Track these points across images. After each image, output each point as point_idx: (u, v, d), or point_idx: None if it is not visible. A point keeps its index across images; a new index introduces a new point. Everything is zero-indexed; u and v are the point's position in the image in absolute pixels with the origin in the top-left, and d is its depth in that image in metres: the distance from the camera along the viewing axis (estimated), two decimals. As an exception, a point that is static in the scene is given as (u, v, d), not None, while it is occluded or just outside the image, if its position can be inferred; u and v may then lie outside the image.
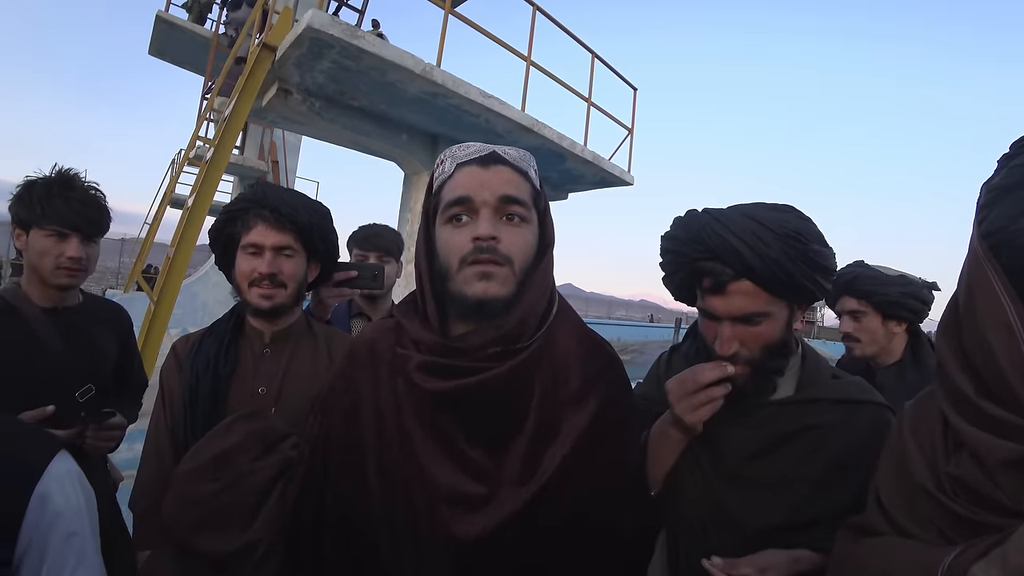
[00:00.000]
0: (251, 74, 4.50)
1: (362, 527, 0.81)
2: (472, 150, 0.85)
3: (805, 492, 0.90)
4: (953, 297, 0.67)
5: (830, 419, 0.94)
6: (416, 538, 0.78)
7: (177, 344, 1.26)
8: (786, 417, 0.95)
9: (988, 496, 0.59)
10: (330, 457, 0.87)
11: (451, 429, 0.80)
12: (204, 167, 4.73)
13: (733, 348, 0.90)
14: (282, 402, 1.17)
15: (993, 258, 0.59)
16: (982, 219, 0.62)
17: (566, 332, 0.88)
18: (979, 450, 0.60)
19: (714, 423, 0.93)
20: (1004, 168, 0.63)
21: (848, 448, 0.91)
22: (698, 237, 0.92)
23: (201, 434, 1.07)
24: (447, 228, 0.82)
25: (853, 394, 0.96)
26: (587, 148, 6.31)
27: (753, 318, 0.90)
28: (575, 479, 0.79)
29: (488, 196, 0.80)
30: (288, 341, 1.25)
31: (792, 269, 0.87)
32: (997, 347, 0.58)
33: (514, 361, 0.80)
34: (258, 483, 0.93)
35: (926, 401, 0.73)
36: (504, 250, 0.78)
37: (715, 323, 0.93)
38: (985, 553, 0.54)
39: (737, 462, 0.94)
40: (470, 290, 0.78)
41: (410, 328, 0.85)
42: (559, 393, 0.83)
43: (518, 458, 0.79)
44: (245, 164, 9.89)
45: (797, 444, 0.93)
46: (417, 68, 4.44)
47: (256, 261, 1.19)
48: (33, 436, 0.82)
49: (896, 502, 0.69)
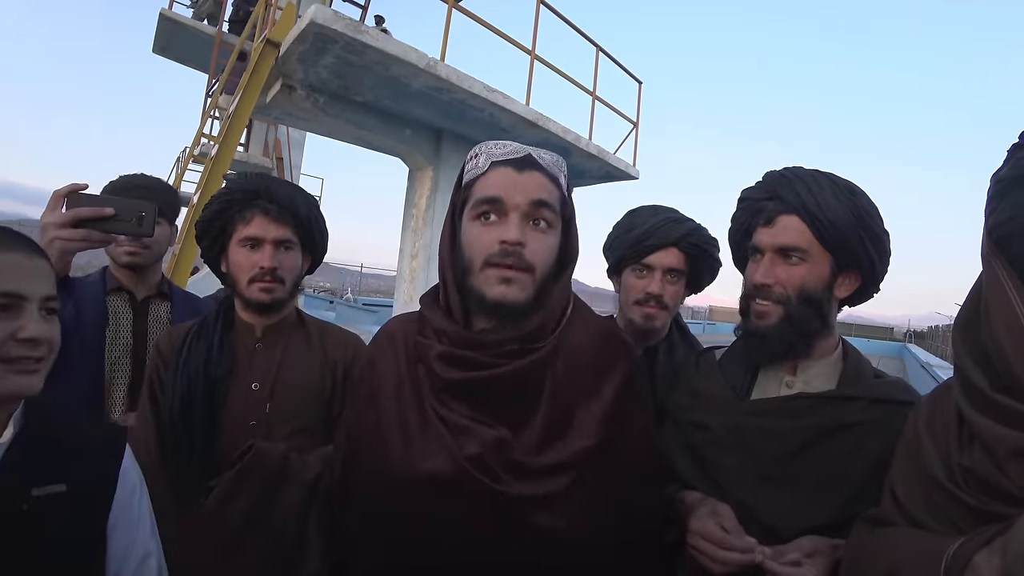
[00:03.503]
0: (255, 70, 4.50)
1: (390, 505, 0.82)
2: (509, 150, 0.87)
3: (845, 495, 0.87)
4: (970, 293, 0.67)
5: (870, 418, 0.91)
6: (445, 501, 0.79)
7: (160, 342, 1.21)
8: (825, 411, 0.93)
9: (998, 486, 0.59)
10: (356, 439, 0.90)
11: (466, 413, 0.82)
12: (209, 164, 4.74)
13: (770, 279, 0.94)
14: (276, 398, 1.15)
15: (1000, 252, 0.59)
16: (991, 212, 0.61)
17: (581, 327, 0.90)
18: (989, 440, 0.60)
19: (744, 411, 0.95)
20: (1012, 159, 0.62)
21: (888, 447, 0.87)
22: (767, 183, 1.00)
23: (198, 437, 1.08)
24: (475, 224, 0.84)
25: (895, 394, 0.94)
26: (592, 142, 6.28)
27: (793, 252, 0.93)
28: (597, 465, 0.82)
29: (520, 200, 0.82)
30: (280, 335, 1.22)
31: (845, 222, 0.92)
32: (1006, 342, 0.58)
33: (528, 359, 0.82)
34: (291, 530, 0.99)
35: (943, 396, 0.73)
36: (528, 256, 0.81)
37: (756, 262, 0.98)
38: (988, 541, 0.54)
39: (772, 460, 0.92)
40: (490, 292, 0.80)
41: (433, 319, 0.87)
42: (573, 386, 0.85)
43: (530, 440, 0.81)
44: (249, 161, 9.91)
45: (836, 443, 0.91)
46: (421, 63, 4.43)
47: (256, 255, 1.16)
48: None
49: (911, 495, 0.69)
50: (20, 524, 0.69)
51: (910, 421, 0.77)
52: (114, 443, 0.83)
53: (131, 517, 0.80)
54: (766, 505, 0.89)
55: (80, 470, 0.77)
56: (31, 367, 0.71)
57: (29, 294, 0.71)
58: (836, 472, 0.89)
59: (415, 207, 6.00)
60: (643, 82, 7.07)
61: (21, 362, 0.70)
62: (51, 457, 0.75)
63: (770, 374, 1.01)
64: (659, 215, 1.31)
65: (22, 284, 0.71)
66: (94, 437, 0.83)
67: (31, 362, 0.71)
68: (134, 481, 0.83)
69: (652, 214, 1.32)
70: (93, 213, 0.99)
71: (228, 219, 1.18)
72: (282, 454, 1.09)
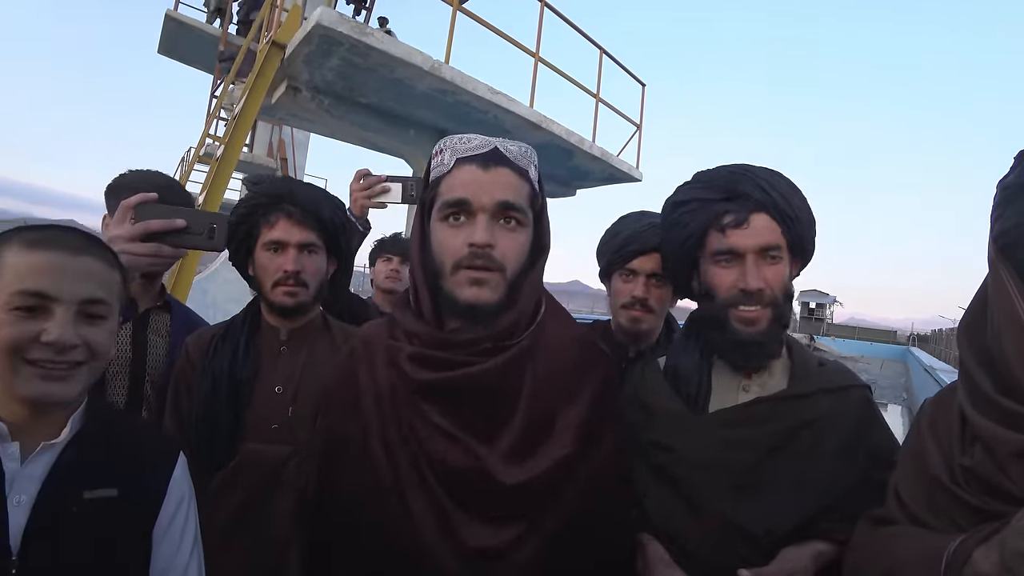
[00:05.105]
0: (260, 72, 4.52)
1: (368, 512, 0.82)
2: (473, 145, 0.83)
3: (818, 490, 0.89)
4: (975, 296, 0.68)
5: (824, 411, 0.93)
6: (421, 516, 0.79)
7: (189, 343, 1.21)
8: (784, 412, 0.93)
9: (999, 486, 0.60)
10: (333, 448, 0.89)
11: (442, 416, 0.81)
12: (214, 165, 4.77)
13: (760, 283, 0.90)
14: (299, 401, 1.15)
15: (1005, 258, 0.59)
16: (997, 218, 0.62)
17: (558, 328, 0.89)
18: (991, 442, 0.61)
19: (707, 425, 0.94)
20: (1020, 166, 0.62)
21: (845, 435, 0.92)
22: (718, 182, 0.97)
23: (221, 438, 1.10)
24: (443, 226, 0.81)
25: (839, 381, 0.97)
26: (595, 144, 6.29)
27: (773, 252, 0.92)
28: (574, 473, 0.81)
29: (487, 201, 0.79)
30: (305, 338, 1.23)
31: (804, 215, 0.95)
32: (1009, 344, 0.59)
33: (503, 356, 0.80)
34: (280, 534, 1.02)
35: (947, 398, 0.74)
36: (498, 256, 0.79)
37: (732, 268, 0.93)
38: (987, 538, 0.55)
39: (744, 470, 0.91)
40: (462, 294, 0.78)
41: (403, 320, 0.86)
42: (551, 386, 0.84)
43: (509, 445, 0.80)
44: (254, 161, 9.94)
45: (800, 441, 0.92)
46: (426, 65, 4.45)
47: (280, 259, 1.16)
48: None
49: (914, 495, 0.70)
50: (70, 525, 0.69)
51: (913, 423, 0.78)
52: (167, 454, 0.83)
53: (175, 530, 0.79)
54: (745, 514, 0.88)
55: (132, 477, 0.76)
56: (58, 373, 0.68)
57: (60, 295, 0.68)
58: (805, 470, 0.90)
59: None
60: (647, 84, 7.08)
61: (46, 366, 0.67)
62: (105, 461, 0.75)
63: (725, 380, 0.99)
64: (643, 221, 1.32)
65: (52, 284, 0.67)
66: (150, 445, 0.83)
67: (60, 367, 0.68)
68: (183, 493, 0.82)
69: (637, 220, 1.34)
70: (164, 226, 0.94)
71: (254, 223, 1.19)
72: (280, 458, 1.09)
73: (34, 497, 0.68)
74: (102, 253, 0.74)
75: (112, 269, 0.75)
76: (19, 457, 0.69)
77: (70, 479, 0.71)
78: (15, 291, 0.66)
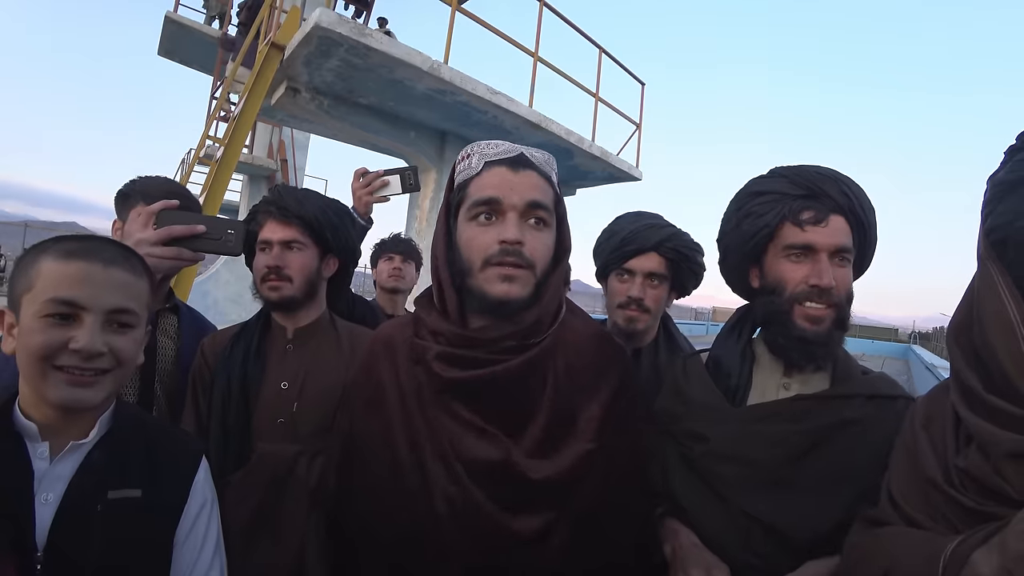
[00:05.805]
0: (260, 73, 4.53)
1: (392, 506, 0.84)
2: (502, 149, 0.86)
3: (852, 493, 0.87)
4: (964, 296, 0.68)
5: (865, 415, 0.92)
6: (449, 508, 0.80)
7: (205, 344, 1.26)
8: (825, 411, 0.93)
9: (994, 488, 0.59)
10: (355, 445, 0.91)
11: (469, 413, 0.84)
12: (214, 166, 4.77)
13: (831, 280, 0.91)
14: (303, 397, 1.19)
15: (996, 255, 0.59)
16: (987, 214, 0.62)
17: (577, 327, 0.92)
18: (985, 442, 0.61)
19: (744, 418, 0.94)
20: (1010, 162, 0.62)
21: (885, 442, 0.88)
22: (801, 179, 0.97)
23: (233, 432, 1.14)
24: (471, 225, 0.84)
25: (884, 389, 0.96)
26: (595, 144, 6.28)
27: (846, 254, 0.93)
28: (596, 467, 0.83)
29: (517, 200, 0.82)
30: (310, 337, 1.27)
31: (872, 225, 0.96)
32: (999, 345, 0.59)
33: (528, 355, 0.83)
34: (295, 533, 1.06)
35: (940, 397, 0.73)
36: (528, 254, 0.81)
37: (803, 263, 0.93)
38: (986, 540, 0.55)
39: (778, 466, 0.90)
40: (492, 290, 0.80)
41: (428, 320, 0.88)
42: (573, 382, 0.86)
43: (534, 441, 0.82)
44: (254, 163, 9.95)
45: (838, 442, 0.91)
46: (425, 65, 4.45)
47: (266, 256, 1.22)
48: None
49: (908, 496, 0.70)
50: (95, 523, 0.71)
51: (907, 421, 0.77)
52: (190, 457, 0.84)
53: (197, 533, 0.81)
54: (775, 512, 0.88)
55: (156, 479, 0.78)
56: (85, 379, 0.70)
57: (89, 304, 0.70)
58: (841, 471, 0.89)
59: (419, 209, 6.02)
60: (646, 83, 7.07)
61: (74, 372, 0.69)
62: (131, 462, 0.77)
63: (767, 377, 1.00)
64: (640, 221, 1.33)
65: (83, 294, 0.70)
66: (174, 448, 0.84)
67: (88, 374, 0.70)
68: (205, 497, 0.84)
69: (633, 220, 1.35)
70: (186, 231, 1.00)
71: (254, 229, 1.26)
72: (291, 458, 1.12)
73: (61, 495, 0.70)
74: (133, 264, 0.77)
75: (141, 279, 0.77)
76: (48, 456, 0.71)
77: (96, 478, 0.73)
78: (48, 299, 0.69)
